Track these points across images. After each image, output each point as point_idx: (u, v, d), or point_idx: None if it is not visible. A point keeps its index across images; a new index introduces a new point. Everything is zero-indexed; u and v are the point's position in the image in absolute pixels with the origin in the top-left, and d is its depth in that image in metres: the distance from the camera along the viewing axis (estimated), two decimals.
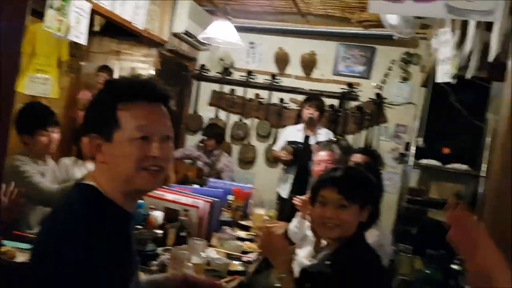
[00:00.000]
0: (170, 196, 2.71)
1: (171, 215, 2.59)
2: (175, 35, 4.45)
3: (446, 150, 4.09)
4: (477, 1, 1.52)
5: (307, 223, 2.50)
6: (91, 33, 3.46)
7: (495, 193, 1.22)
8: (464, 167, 4.03)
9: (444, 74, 2.60)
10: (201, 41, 4.17)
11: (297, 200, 2.71)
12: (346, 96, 4.89)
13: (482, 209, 1.99)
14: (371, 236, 2.04)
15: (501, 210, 1.18)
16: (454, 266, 3.14)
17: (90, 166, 2.42)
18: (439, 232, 3.91)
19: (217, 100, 5.24)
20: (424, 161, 4.13)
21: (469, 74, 2.45)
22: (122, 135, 1.08)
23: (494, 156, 1.35)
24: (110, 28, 4.03)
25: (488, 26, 2.08)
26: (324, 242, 2.00)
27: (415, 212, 4.14)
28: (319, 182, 1.79)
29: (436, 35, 2.82)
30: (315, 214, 1.76)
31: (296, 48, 5.03)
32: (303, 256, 2.58)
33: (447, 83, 2.82)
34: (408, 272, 4.07)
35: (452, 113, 4.01)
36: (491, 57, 2.01)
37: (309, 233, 2.57)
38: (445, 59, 2.57)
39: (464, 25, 2.42)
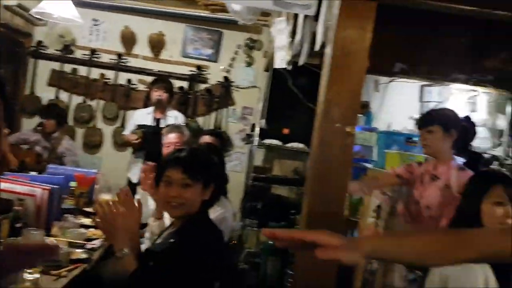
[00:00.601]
0: (2, 185, 2.47)
1: (3, 205, 2.37)
2: (7, 7, 4.01)
3: (285, 131, 4.44)
4: None
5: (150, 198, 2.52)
6: None
7: (313, 167, 1.40)
8: (301, 145, 4.42)
9: (281, 60, 2.81)
10: (35, 16, 3.82)
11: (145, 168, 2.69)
12: (195, 78, 4.95)
13: None
14: (214, 212, 2.16)
15: (318, 181, 1.37)
16: None
17: None
18: (280, 206, 4.25)
19: (58, 80, 4.86)
20: (267, 141, 4.42)
21: (301, 61, 2.69)
22: None
23: (314, 135, 1.54)
24: None
25: (317, 17, 2.31)
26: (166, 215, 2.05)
27: (260, 188, 4.43)
28: (165, 162, 1.84)
29: (274, 23, 3.02)
30: (160, 194, 1.80)
31: (143, 27, 4.91)
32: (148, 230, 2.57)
33: (284, 69, 3.06)
34: (254, 245, 4.36)
35: (290, 97, 4.36)
36: (317, 46, 2.24)
37: (153, 206, 2.58)
38: (281, 47, 2.77)
39: (297, 15, 2.64)
